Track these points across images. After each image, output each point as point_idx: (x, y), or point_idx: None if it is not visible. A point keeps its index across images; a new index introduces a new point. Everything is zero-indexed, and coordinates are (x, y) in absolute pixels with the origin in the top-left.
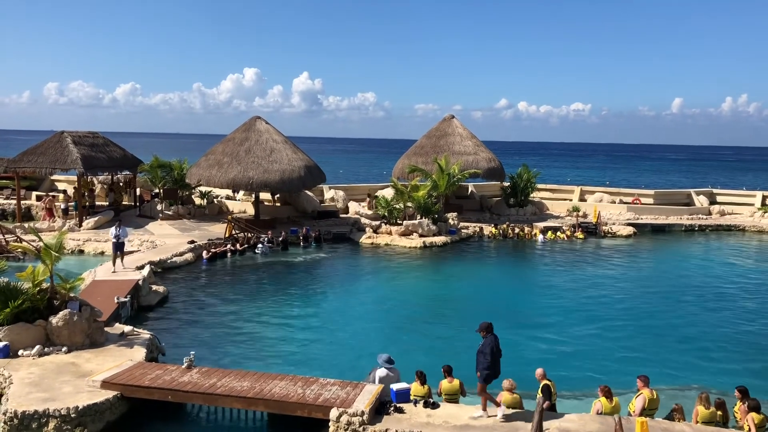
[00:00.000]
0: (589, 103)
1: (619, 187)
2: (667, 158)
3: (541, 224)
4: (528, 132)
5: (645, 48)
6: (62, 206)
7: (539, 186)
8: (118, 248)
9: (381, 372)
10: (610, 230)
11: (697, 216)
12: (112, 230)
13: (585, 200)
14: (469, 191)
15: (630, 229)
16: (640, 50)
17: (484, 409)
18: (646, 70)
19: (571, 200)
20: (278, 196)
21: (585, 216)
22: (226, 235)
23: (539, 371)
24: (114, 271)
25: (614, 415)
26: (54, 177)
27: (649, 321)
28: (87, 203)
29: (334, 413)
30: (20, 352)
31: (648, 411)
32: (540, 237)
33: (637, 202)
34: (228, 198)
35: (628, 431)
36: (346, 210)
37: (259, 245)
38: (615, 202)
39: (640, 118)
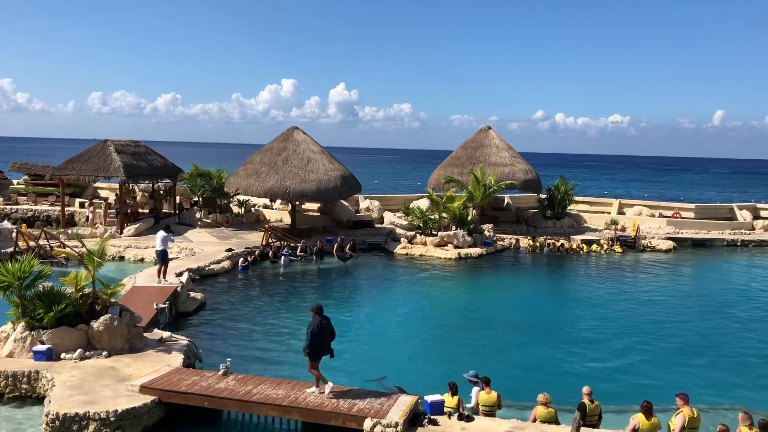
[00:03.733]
0: (628, 115)
1: (658, 200)
2: (708, 171)
3: (579, 237)
4: (565, 144)
5: (685, 59)
6: (87, 213)
7: (577, 198)
8: (165, 258)
9: (477, 389)
10: (649, 244)
11: (740, 231)
12: (163, 238)
13: (623, 213)
14: (505, 203)
15: (670, 243)
16: (680, 61)
17: (317, 386)
18: (686, 82)
19: (609, 213)
20: (301, 204)
21: (624, 229)
22: (263, 244)
23: (585, 389)
24: (159, 282)
25: None
26: (96, 184)
27: (690, 337)
28: (129, 210)
29: (368, 423)
30: (62, 355)
31: (688, 431)
32: (545, 249)
33: (678, 215)
34: (265, 207)
35: None
36: (381, 220)
37: (282, 256)
38: (654, 216)
39: (680, 130)
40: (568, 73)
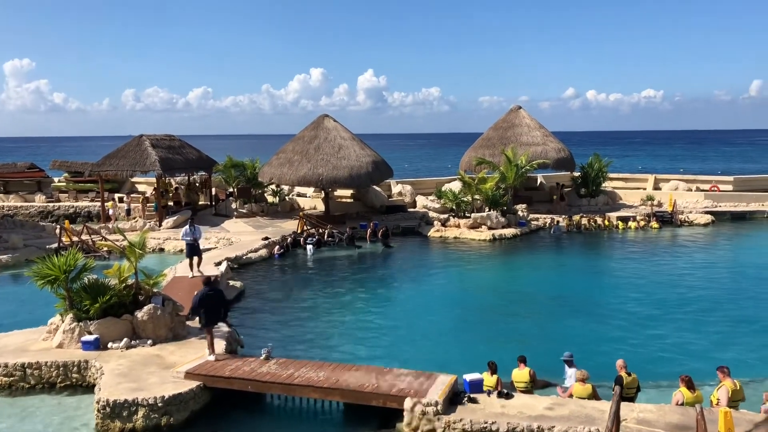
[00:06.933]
0: (661, 90)
1: (695, 174)
2: (746, 143)
3: (614, 214)
4: (597, 121)
5: (719, 29)
6: (125, 207)
7: (611, 175)
8: (194, 251)
9: (570, 371)
10: (686, 219)
11: None
12: (185, 230)
13: (659, 189)
14: (539, 182)
15: (708, 218)
16: (714, 32)
17: (209, 348)
18: (720, 53)
19: (644, 189)
20: (334, 191)
21: (660, 205)
22: (298, 231)
23: (619, 362)
24: (192, 276)
25: (696, 405)
26: (134, 179)
27: (730, 310)
28: (181, 201)
29: (408, 403)
30: (109, 344)
31: (731, 403)
32: (554, 228)
33: (715, 189)
34: (299, 195)
35: (710, 423)
36: (413, 204)
37: (308, 245)
38: (691, 190)
39: (715, 103)
40: (597, 49)
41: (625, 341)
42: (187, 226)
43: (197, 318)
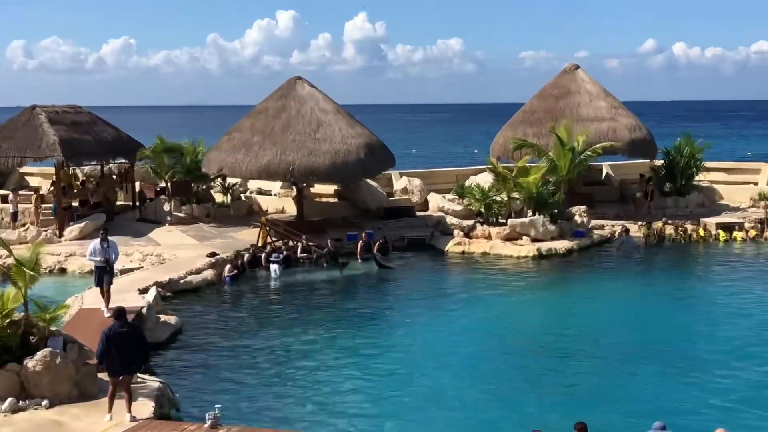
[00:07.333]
0: None
1: None
2: None
3: (712, 220)
4: (688, 87)
5: None
6: (11, 209)
7: (708, 164)
8: (104, 276)
9: None
10: None
11: None
12: (94, 246)
13: None
14: (604, 174)
15: None
16: None
17: (109, 411)
18: None
19: (756, 184)
20: (311, 187)
21: None
22: (259, 244)
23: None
24: (104, 312)
25: None
26: (23, 169)
27: None
28: (90, 200)
29: None
30: None
31: None
32: (621, 240)
33: None
34: (260, 192)
35: None
36: (424, 206)
37: (272, 264)
38: None
39: None
40: None
41: (728, 403)
42: (98, 241)
43: (99, 361)
